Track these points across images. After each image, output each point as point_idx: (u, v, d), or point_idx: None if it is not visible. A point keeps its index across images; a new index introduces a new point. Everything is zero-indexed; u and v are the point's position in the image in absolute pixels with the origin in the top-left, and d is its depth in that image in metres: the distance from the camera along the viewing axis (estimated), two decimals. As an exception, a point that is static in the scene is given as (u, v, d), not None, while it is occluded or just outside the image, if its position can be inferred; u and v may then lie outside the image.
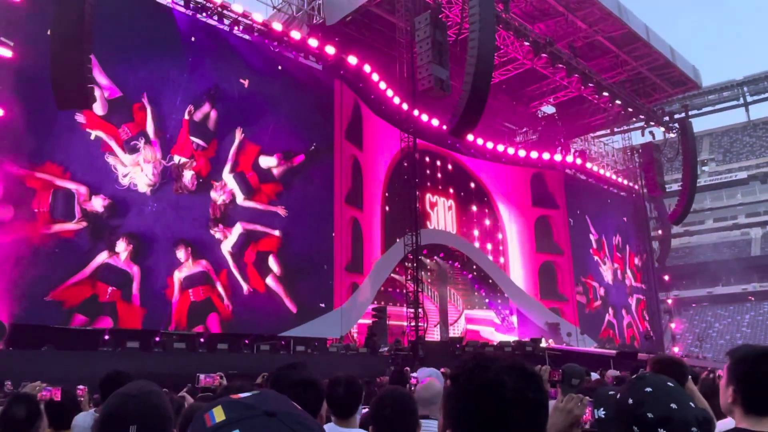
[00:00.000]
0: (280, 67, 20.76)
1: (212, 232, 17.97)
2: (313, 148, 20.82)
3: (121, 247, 15.76)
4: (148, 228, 16.52)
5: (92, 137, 15.83)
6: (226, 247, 18.20)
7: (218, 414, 0.84)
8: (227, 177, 18.65)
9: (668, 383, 1.41)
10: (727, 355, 1.98)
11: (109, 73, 16.20)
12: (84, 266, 14.99)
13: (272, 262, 19.11)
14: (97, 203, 15.54)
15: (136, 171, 16.53)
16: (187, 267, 17.08)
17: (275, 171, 20.00)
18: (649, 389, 1.38)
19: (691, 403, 1.36)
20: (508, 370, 1.16)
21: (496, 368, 1.16)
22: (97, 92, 14.13)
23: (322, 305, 19.75)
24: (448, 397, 1.21)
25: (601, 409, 1.50)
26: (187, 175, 17.69)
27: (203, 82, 18.51)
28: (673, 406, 1.32)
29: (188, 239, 17.31)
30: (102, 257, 15.35)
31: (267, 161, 19.78)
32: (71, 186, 15.20)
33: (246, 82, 19.45)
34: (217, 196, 18.32)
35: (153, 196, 16.78)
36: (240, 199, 18.89)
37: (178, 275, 16.81)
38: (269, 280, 18.91)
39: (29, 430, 2.79)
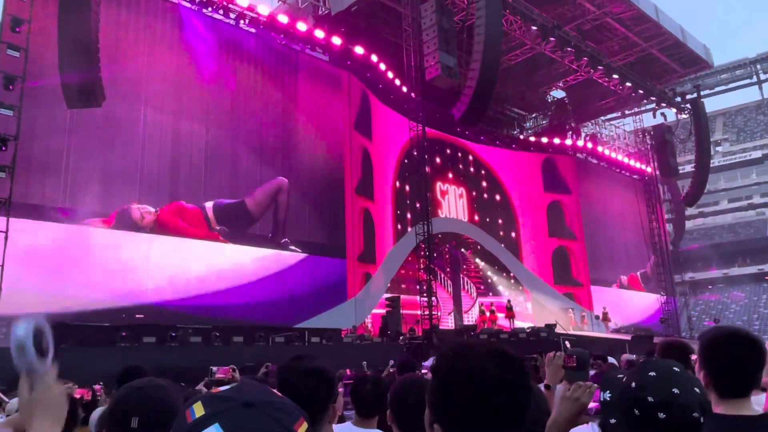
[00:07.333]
0: (286, 60, 20.81)
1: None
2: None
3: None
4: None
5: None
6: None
7: (198, 409, 0.86)
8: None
9: (674, 368, 1.41)
10: (697, 339, 1.94)
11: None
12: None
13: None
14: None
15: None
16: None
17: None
18: (652, 373, 1.38)
19: (695, 389, 1.36)
20: (487, 357, 1.16)
21: (475, 356, 1.16)
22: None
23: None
24: (431, 390, 1.21)
25: (607, 391, 1.51)
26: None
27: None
28: (675, 390, 1.32)
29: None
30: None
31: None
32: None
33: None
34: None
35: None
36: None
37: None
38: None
39: (70, 429, 2.89)
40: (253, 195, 19.13)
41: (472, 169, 29.19)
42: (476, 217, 28.69)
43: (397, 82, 23.39)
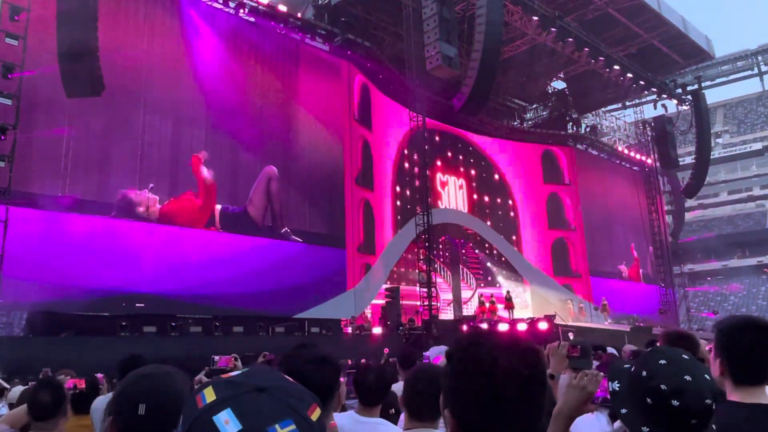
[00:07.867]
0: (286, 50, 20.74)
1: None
2: None
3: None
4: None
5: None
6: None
7: (209, 394, 0.84)
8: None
9: (683, 356, 1.40)
10: (713, 327, 1.94)
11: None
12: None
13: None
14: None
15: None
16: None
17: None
18: (663, 361, 1.37)
19: (706, 375, 1.35)
20: (501, 346, 1.13)
21: (489, 345, 1.13)
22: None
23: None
24: (444, 376, 1.20)
25: (616, 382, 1.49)
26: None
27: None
28: (687, 377, 1.31)
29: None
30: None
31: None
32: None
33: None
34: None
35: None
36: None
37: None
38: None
39: (55, 413, 2.91)
40: (251, 201, 19.06)
41: (472, 160, 29.15)
42: (476, 208, 28.68)
43: (398, 72, 23.28)
